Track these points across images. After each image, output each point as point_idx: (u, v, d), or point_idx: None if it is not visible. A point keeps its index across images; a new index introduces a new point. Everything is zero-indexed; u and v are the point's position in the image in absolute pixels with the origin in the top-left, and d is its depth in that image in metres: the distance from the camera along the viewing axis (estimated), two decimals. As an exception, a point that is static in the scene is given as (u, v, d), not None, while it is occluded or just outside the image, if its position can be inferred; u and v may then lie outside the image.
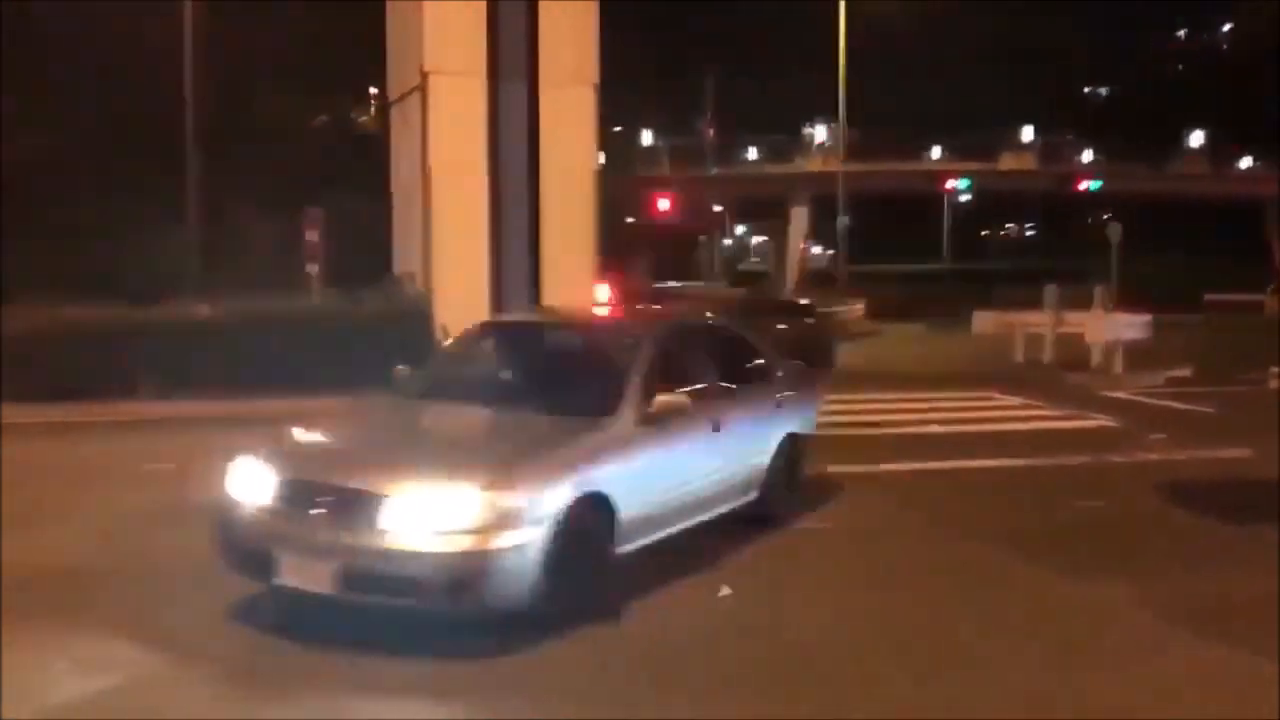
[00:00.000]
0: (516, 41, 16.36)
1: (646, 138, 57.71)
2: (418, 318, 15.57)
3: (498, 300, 16.28)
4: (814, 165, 54.48)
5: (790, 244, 57.65)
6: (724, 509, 7.36)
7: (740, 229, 70.66)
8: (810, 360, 21.28)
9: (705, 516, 7.13)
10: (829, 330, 24.30)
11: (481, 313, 16.36)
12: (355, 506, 5.33)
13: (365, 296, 16.32)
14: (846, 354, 22.52)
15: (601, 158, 19.54)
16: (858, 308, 34.33)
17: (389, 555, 5.25)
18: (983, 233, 69.57)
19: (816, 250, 58.38)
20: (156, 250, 21.55)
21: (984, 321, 31.79)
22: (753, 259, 64.54)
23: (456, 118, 16.24)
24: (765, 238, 67.59)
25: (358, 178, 23.35)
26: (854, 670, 5.34)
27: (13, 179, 22.19)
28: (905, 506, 9.06)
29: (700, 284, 45.22)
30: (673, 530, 6.78)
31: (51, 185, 23.85)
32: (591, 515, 5.87)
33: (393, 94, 19.01)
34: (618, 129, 47.11)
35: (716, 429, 7.11)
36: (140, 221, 22.75)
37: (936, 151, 56.63)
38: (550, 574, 5.47)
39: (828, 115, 47.92)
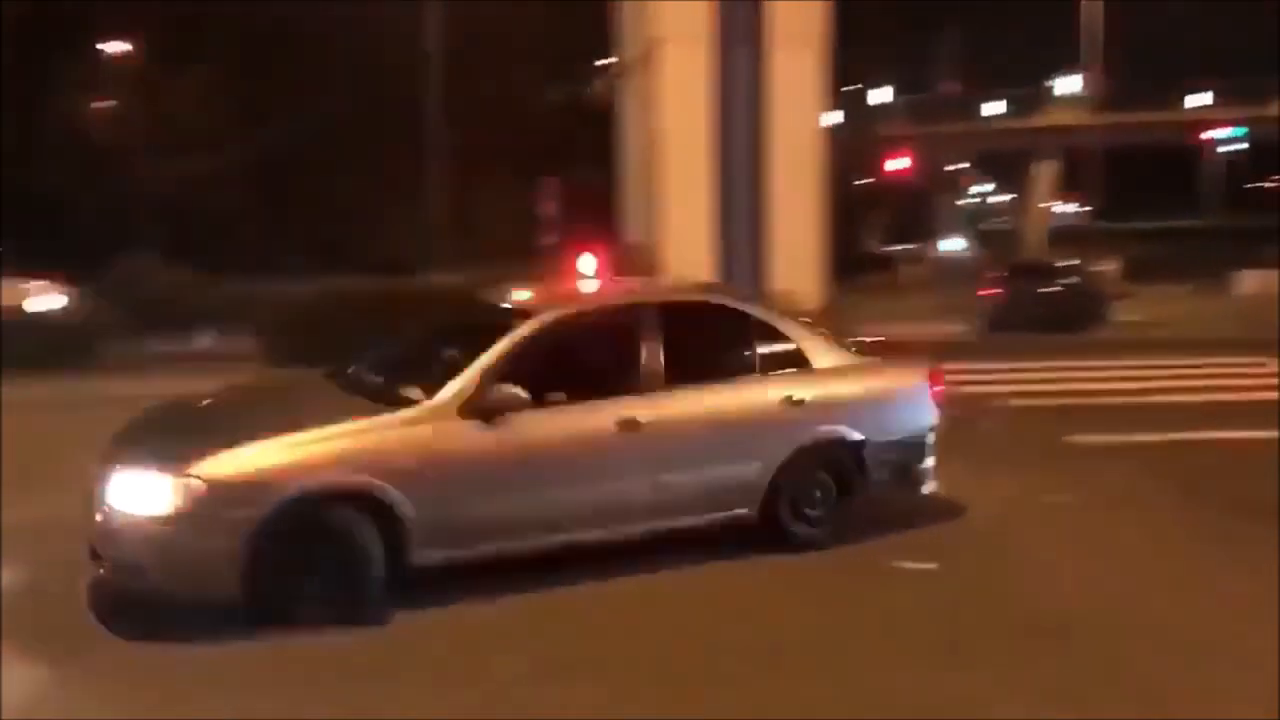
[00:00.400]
0: (743, 5, 16.24)
1: (881, 95, 56.10)
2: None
3: (724, 267, 16.29)
4: (1060, 118, 51.53)
5: (1034, 202, 54.87)
6: (675, 522, 6.13)
7: (980, 188, 67.74)
8: (1079, 323, 20.75)
9: (629, 529, 6.00)
10: (1098, 289, 23.31)
11: (707, 280, 16.50)
12: (107, 481, 5.32)
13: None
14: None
15: (833, 117, 19.13)
16: (1111, 267, 32.32)
17: (102, 532, 5.28)
18: (1253, 185, 63.77)
19: (1064, 208, 55.27)
20: (403, 225, 22.71)
21: (1252, 281, 29.26)
22: (996, 219, 61.79)
23: (683, 85, 16.31)
24: (1008, 195, 64.58)
25: (591, 150, 23.86)
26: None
27: (272, 163, 24.01)
28: (1153, 478, 8.42)
29: (938, 245, 43.67)
30: (544, 543, 5.78)
31: (308, 168, 25.67)
32: (352, 514, 5.22)
33: (623, 64, 19.28)
34: (851, 88, 46.01)
35: (630, 429, 5.88)
36: (388, 198, 24.10)
37: (1197, 99, 52.24)
38: (269, 571, 5.00)
39: (1075, 65, 45.15)
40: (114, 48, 27.97)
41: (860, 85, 48.21)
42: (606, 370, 6.21)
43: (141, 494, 5.11)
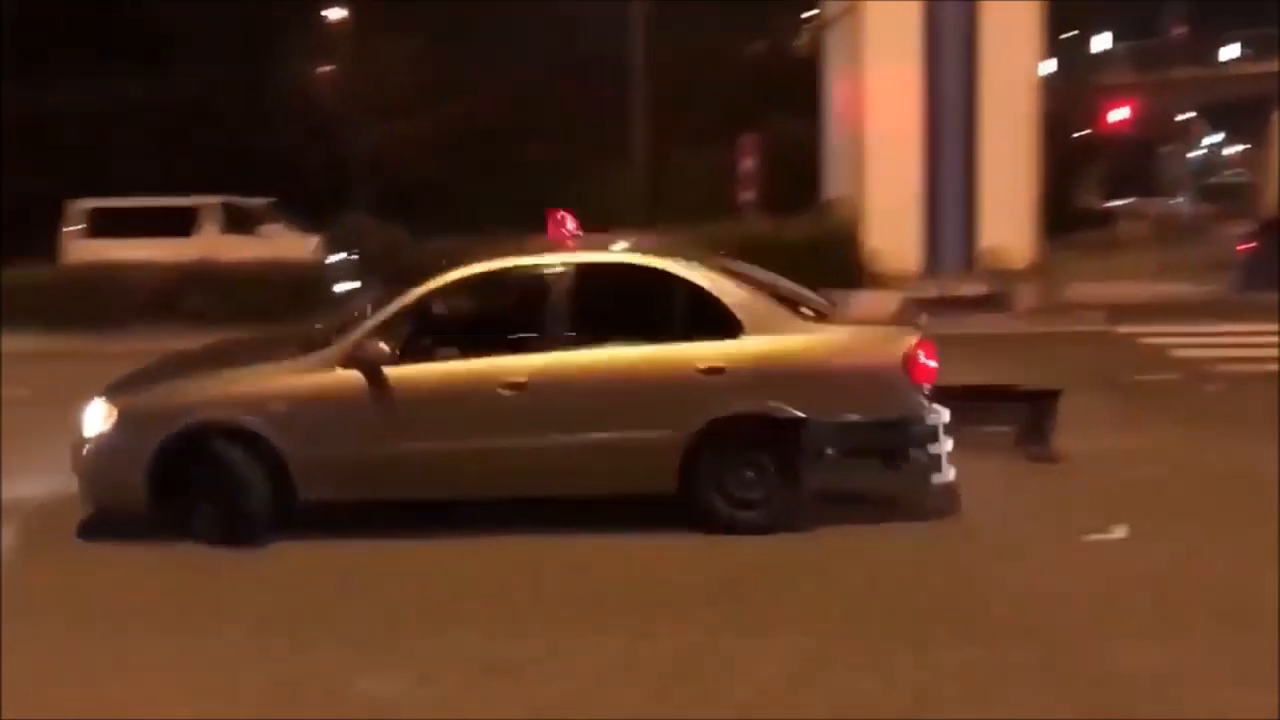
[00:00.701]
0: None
1: (1102, 42, 52.79)
2: (847, 243, 15.45)
3: (930, 224, 15.76)
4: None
5: (1274, 153, 50.62)
6: (595, 490, 6.05)
7: (1211, 138, 63.08)
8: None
9: (520, 490, 6.09)
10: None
11: (913, 237, 16.01)
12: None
13: (793, 223, 16.39)
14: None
15: (1049, 67, 18.15)
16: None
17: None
18: None
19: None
20: (605, 184, 22.92)
21: None
22: (1228, 171, 57.45)
23: (891, 36, 15.80)
24: (1241, 147, 59.86)
25: (793, 104, 23.44)
26: None
27: (477, 125, 24.62)
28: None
29: (1162, 200, 40.93)
30: (442, 496, 6.11)
31: (512, 129, 26.25)
32: (228, 445, 5.95)
33: (828, 15, 18.80)
34: (1068, 35, 43.46)
35: (514, 388, 5.86)
36: (590, 157, 24.37)
37: None
38: (161, 484, 5.94)
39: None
40: (334, 14, 29.27)
41: (1078, 32, 45.49)
42: (509, 328, 6.33)
43: (90, 420, 6.20)
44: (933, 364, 6.05)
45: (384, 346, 5.94)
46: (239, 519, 6.03)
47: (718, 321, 6.01)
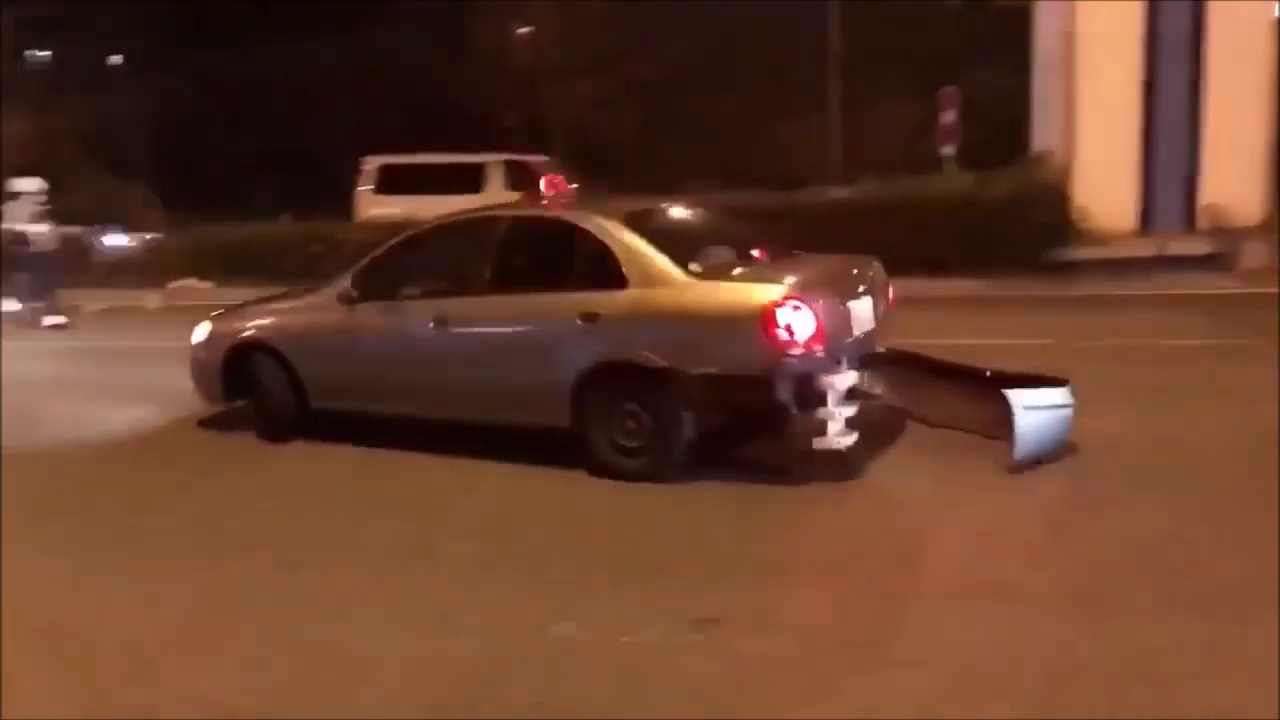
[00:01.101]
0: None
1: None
2: (1054, 199, 14.72)
3: (1146, 179, 14.85)
4: None
5: None
6: (509, 419, 6.79)
7: None
8: None
9: (470, 417, 6.92)
10: None
11: (1129, 193, 15.12)
12: None
13: (996, 178, 15.69)
14: None
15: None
16: None
17: None
18: None
19: None
20: (800, 139, 22.61)
21: None
22: None
23: (1108, -23, 14.86)
24: None
25: (996, 54, 22.46)
26: None
27: (669, 81, 24.64)
28: None
29: None
30: (397, 412, 7.22)
31: (705, 85, 26.16)
32: (262, 358, 7.61)
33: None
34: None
35: (438, 326, 6.83)
36: (785, 112, 24.06)
37: None
38: (226, 382, 7.84)
39: None
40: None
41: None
42: (452, 274, 7.17)
43: (196, 335, 8.13)
44: (804, 323, 5.79)
45: (351, 289, 7.27)
46: (270, 419, 7.68)
47: (610, 275, 6.31)
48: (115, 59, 39.35)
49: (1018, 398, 5.93)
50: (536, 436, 6.65)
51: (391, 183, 19.56)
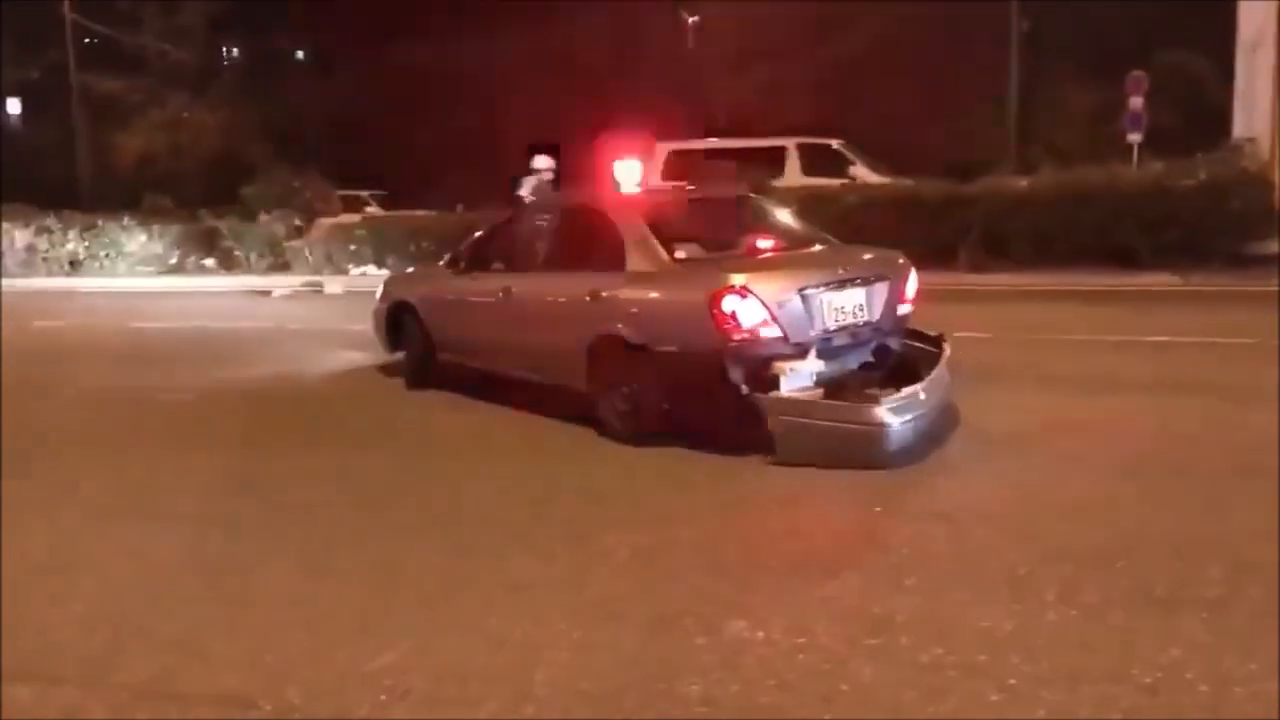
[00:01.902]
0: None
1: None
2: (1257, 188, 13.89)
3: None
4: None
5: None
6: (547, 379, 7.74)
7: None
8: None
9: (527, 374, 7.94)
10: None
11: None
12: None
13: (1193, 166, 14.87)
14: None
15: None
16: None
17: None
18: None
19: None
20: (981, 126, 21.97)
21: None
22: None
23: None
24: None
25: (1192, 35, 21.30)
26: None
27: (842, 69, 24.24)
28: None
29: None
30: (484, 366, 8.38)
31: (879, 72, 25.67)
32: (408, 317, 8.97)
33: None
34: None
35: (505, 296, 7.92)
36: (964, 97, 23.41)
37: None
38: (390, 335, 9.26)
39: None
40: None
41: None
42: (521, 254, 8.15)
43: (378, 295, 9.53)
44: (750, 310, 6.28)
45: (455, 261, 8.78)
46: (413, 370, 9.01)
47: (616, 259, 7.08)
48: (300, 54, 41.39)
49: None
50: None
51: (681, 168, 18.64)
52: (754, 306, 6.29)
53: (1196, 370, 7.85)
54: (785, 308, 6.37)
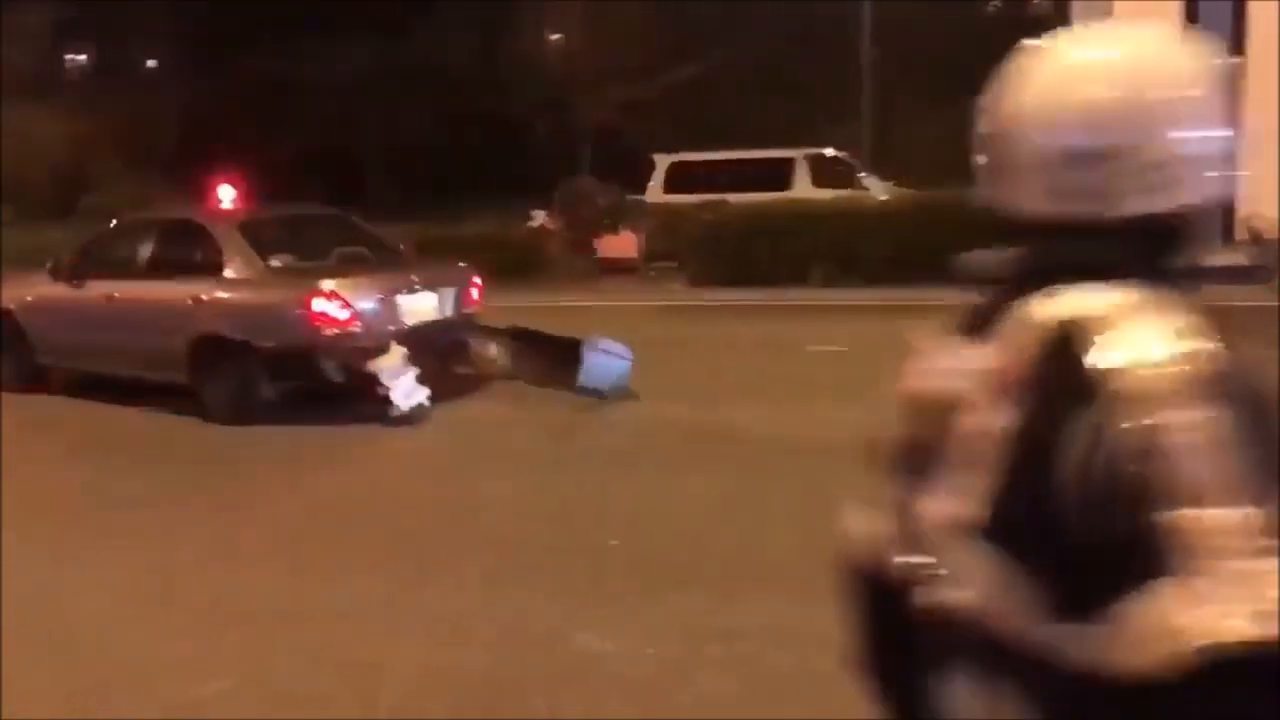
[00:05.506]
0: None
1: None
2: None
3: None
4: None
5: None
6: (150, 375, 8.79)
7: None
8: None
9: (132, 372, 8.93)
10: None
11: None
12: None
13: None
14: None
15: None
16: None
17: None
18: None
19: None
20: (831, 144, 22.49)
21: None
22: None
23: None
24: None
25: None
26: None
27: (700, 89, 24.42)
28: None
29: None
30: (91, 369, 9.31)
31: (737, 92, 26.06)
32: (5, 321, 9.56)
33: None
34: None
35: (110, 300, 8.83)
36: (817, 119, 23.95)
37: None
38: None
39: None
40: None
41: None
42: (124, 263, 9.05)
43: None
44: (337, 310, 7.79)
45: (45, 273, 9.46)
46: (10, 370, 9.68)
47: (216, 266, 8.36)
48: (151, 62, 39.65)
49: (590, 342, 8.12)
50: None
51: (683, 180, 18.75)
52: (339, 307, 7.80)
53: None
54: (367, 309, 7.92)
